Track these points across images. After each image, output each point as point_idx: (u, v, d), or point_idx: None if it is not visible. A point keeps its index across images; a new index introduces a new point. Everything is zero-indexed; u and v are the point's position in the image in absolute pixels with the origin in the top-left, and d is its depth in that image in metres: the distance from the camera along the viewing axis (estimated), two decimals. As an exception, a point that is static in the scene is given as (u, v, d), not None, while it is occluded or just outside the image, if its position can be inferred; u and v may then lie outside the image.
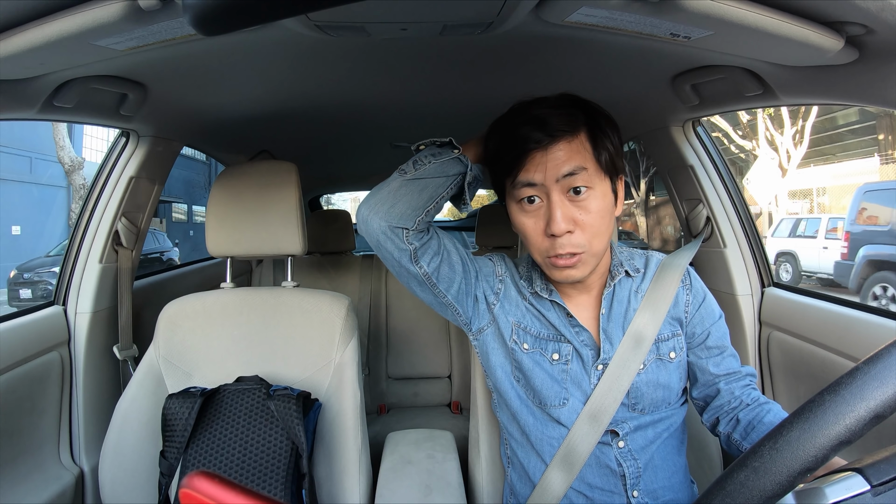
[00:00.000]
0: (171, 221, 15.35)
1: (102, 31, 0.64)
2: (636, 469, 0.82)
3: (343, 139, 1.76)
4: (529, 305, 0.89)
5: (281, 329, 1.15)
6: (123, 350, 1.35)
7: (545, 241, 0.78)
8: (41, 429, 1.18)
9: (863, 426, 0.37)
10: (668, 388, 0.85)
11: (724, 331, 0.91)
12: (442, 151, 0.83)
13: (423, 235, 0.81)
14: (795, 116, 10.83)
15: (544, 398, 0.85)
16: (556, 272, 0.81)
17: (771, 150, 10.94)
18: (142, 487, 1.04)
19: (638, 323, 0.85)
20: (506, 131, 0.81)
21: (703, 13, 0.63)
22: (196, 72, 0.98)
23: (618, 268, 0.88)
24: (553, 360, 0.85)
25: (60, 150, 8.49)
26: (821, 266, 8.67)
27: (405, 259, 0.80)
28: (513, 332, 0.88)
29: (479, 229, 2.19)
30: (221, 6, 0.35)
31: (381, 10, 0.72)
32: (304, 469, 0.95)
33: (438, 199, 0.81)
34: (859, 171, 11.98)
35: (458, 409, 2.07)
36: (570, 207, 0.77)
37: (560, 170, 0.76)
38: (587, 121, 0.79)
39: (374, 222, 0.79)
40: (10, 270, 8.56)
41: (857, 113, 12.40)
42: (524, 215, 0.80)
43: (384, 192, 0.80)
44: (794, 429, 0.38)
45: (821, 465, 0.38)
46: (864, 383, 0.38)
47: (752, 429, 0.82)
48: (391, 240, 0.79)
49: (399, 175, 0.82)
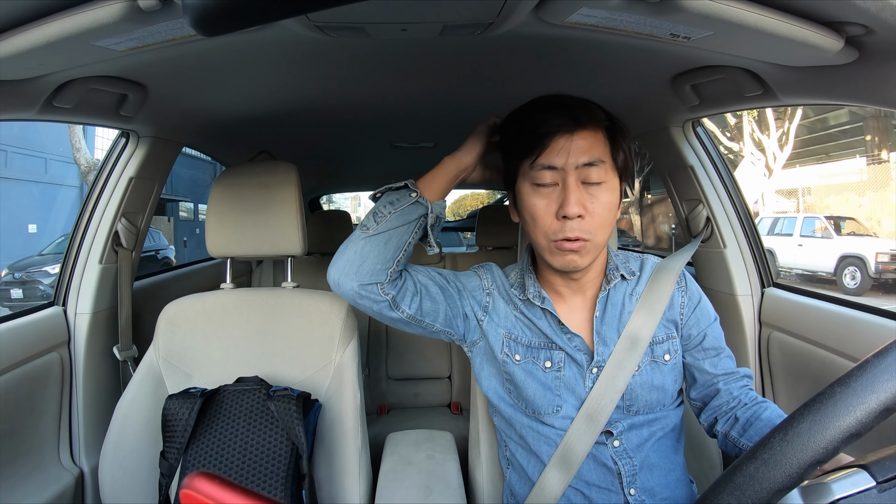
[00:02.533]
0: (178, 220, 15.65)
1: (102, 31, 0.64)
2: (632, 467, 0.83)
3: (343, 139, 1.76)
4: (520, 314, 0.89)
5: (281, 330, 1.15)
6: (123, 351, 1.34)
7: (555, 223, 0.79)
8: (41, 429, 1.18)
9: (873, 418, 0.37)
10: (662, 390, 0.85)
11: (720, 332, 0.91)
12: (400, 197, 0.82)
13: (398, 281, 0.81)
14: (781, 119, 11.11)
15: (537, 407, 0.85)
16: (560, 257, 0.81)
17: (758, 152, 11.21)
18: (142, 488, 1.04)
19: (633, 325, 0.85)
20: (529, 115, 0.82)
21: (702, 13, 0.63)
22: (196, 72, 0.98)
23: (613, 271, 0.89)
24: (546, 368, 0.85)
25: (77, 151, 8.62)
26: (796, 262, 9.54)
27: (385, 309, 0.81)
28: (503, 345, 0.88)
29: (479, 229, 2.19)
30: (221, 7, 0.35)
31: (381, 11, 0.72)
32: (304, 470, 0.95)
33: (406, 247, 0.81)
34: (845, 172, 12.37)
35: (459, 409, 2.07)
36: (583, 194, 0.79)
37: (581, 158, 0.78)
38: (608, 118, 0.82)
39: (345, 284, 0.79)
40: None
41: (847, 114, 12.65)
42: (537, 196, 0.81)
43: (350, 253, 0.80)
44: (805, 420, 0.38)
45: (831, 458, 0.37)
46: (874, 376, 0.38)
47: (750, 425, 0.82)
48: (367, 297, 0.79)
49: (362, 232, 0.81)
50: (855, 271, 8.61)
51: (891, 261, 8.32)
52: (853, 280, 8.59)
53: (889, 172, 11.42)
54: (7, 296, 8.13)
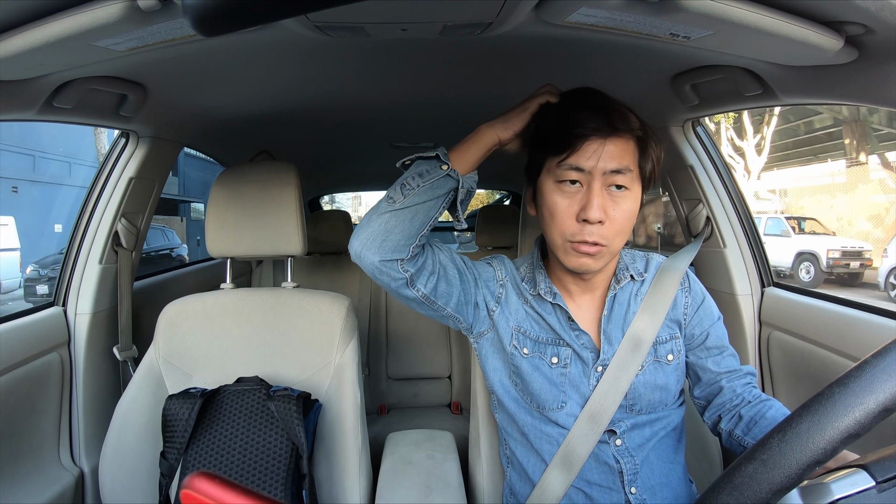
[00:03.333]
0: (190, 220, 16.11)
1: (102, 31, 0.64)
2: (633, 466, 0.83)
3: (343, 139, 1.76)
4: (530, 309, 0.89)
5: (281, 330, 1.15)
6: (123, 351, 1.34)
7: (574, 225, 0.78)
8: (41, 429, 1.18)
9: (872, 419, 0.37)
10: (665, 390, 0.85)
11: (723, 331, 0.92)
12: (430, 169, 0.79)
13: (419, 258, 0.80)
14: (758, 126, 12.04)
15: (542, 402, 0.85)
16: (574, 258, 0.80)
17: (737, 156, 12.17)
18: (142, 488, 1.04)
19: (637, 326, 0.85)
20: (565, 112, 0.81)
21: (702, 13, 0.63)
22: (196, 72, 0.98)
23: (623, 271, 0.89)
24: (552, 364, 0.85)
25: (102, 156, 8.71)
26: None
27: (402, 287, 0.80)
28: (513, 337, 0.88)
29: (479, 229, 2.19)
30: (221, 7, 0.35)
31: (381, 11, 0.72)
32: (305, 469, 0.95)
33: (430, 222, 0.79)
34: (818, 175, 13.00)
35: (459, 409, 2.07)
36: (607, 199, 0.78)
37: (610, 163, 0.77)
38: (641, 127, 0.81)
39: (366, 258, 0.78)
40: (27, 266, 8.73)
41: (821, 121, 13.28)
42: (560, 195, 0.80)
43: (374, 226, 0.77)
44: (804, 421, 0.38)
45: (830, 458, 0.37)
46: (873, 376, 0.38)
47: (755, 424, 0.82)
48: (385, 273, 0.78)
49: (388, 204, 0.78)
50: (809, 266, 9.42)
51: (841, 256, 9.31)
52: (808, 274, 9.48)
53: (860, 175, 12.04)
54: (33, 292, 8.23)
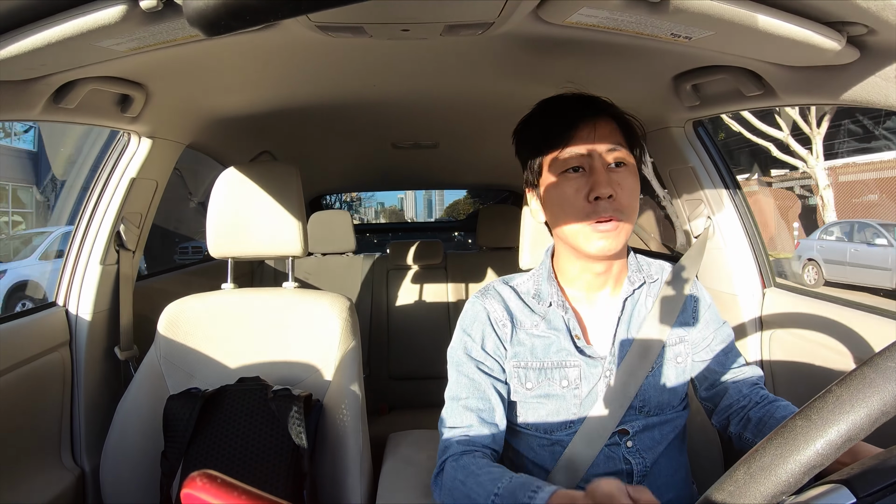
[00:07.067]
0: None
1: (104, 32, 0.64)
2: (644, 467, 0.82)
3: (344, 140, 1.76)
4: (538, 329, 0.86)
5: (282, 330, 1.15)
6: (125, 351, 1.35)
7: (587, 206, 0.79)
8: (42, 429, 1.18)
9: (835, 450, 0.37)
10: (673, 392, 0.85)
11: (729, 333, 0.92)
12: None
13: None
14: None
15: (547, 428, 0.84)
16: (594, 241, 0.79)
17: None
18: (143, 488, 1.04)
19: (646, 332, 0.85)
20: (549, 113, 0.85)
21: (703, 13, 0.63)
22: (197, 73, 0.98)
23: (636, 273, 0.88)
24: (562, 387, 0.84)
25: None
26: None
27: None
28: (512, 375, 0.86)
29: (479, 229, 2.19)
30: (222, 7, 0.35)
31: (382, 11, 0.72)
32: (306, 469, 0.95)
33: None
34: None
35: (459, 409, 2.07)
36: (610, 176, 0.80)
37: (606, 141, 0.80)
38: (620, 116, 0.85)
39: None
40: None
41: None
42: (567, 183, 0.81)
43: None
44: (767, 455, 0.39)
45: (794, 490, 0.38)
46: (835, 407, 0.38)
47: (764, 425, 0.81)
48: None
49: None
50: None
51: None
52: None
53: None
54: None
